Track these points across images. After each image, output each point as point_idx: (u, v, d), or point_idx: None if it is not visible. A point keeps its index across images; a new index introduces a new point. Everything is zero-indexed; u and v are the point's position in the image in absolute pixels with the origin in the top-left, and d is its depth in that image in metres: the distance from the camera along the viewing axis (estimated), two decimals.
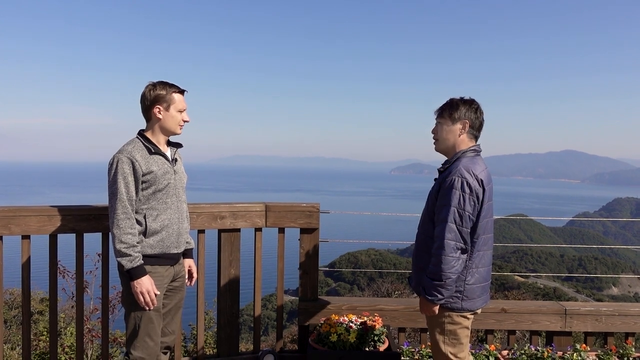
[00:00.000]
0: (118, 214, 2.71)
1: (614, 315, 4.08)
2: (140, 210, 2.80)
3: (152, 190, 2.81)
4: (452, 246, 2.58)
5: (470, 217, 2.61)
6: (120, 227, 2.70)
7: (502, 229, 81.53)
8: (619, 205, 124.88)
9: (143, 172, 2.76)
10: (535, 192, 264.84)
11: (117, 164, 2.73)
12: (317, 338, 3.48)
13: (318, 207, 3.92)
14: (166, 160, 2.90)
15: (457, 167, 2.65)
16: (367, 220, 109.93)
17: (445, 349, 2.77)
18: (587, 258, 62.11)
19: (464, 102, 2.78)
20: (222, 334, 3.86)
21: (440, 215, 2.64)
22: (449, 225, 2.58)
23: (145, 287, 2.74)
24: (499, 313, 4.04)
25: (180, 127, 2.93)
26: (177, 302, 3.09)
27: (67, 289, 5.46)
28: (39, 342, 5.49)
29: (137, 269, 2.73)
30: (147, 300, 2.75)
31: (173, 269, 2.98)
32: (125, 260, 2.71)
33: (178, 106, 2.88)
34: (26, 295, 3.31)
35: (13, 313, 8.26)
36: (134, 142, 2.85)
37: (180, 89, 2.92)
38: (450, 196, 2.60)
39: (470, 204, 2.60)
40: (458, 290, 2.69)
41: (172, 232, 2.90)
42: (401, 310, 4.04)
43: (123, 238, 2.70)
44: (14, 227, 3.22)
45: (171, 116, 2.87)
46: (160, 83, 2.87)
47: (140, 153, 2.80)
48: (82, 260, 3.44)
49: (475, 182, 2.62)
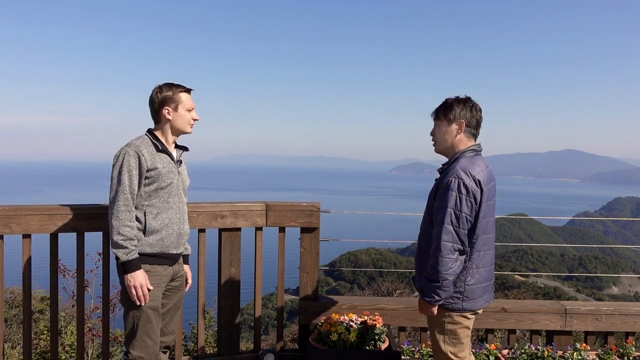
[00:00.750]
0: (119, 205, 2.71)
1: (614, 314, 4.09)
2: (140, 206, 2.80)
3: (155, 187, 2.81)
4: (448, 248, 2.58)
5: (468, 218, 2.61)
6: (120, 218, 2.70)
7: (503, 228, 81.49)
8: (620, 205, 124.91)
9: (148, 167, 2.77)
10: (536, 192, 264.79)
11: (124, 156, 2.74)
12: (317, 337, 3.48)
13: (318, 206, 3.92)
14: (171, 160, 2.91)
15: (454, 168, 2.65)
16: (368, 220, 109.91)
17: (445, 348, 2.77)
18: (588, 257, 62.10)
19: (458, 101, 2.77)
20: (222, 333, 3.86)
21: (437, 217, 2.64)
22: (445, 227, 2.58)
23: (139, 281, 2.73)
24: (499, 312, 4.04)
25: (190, 126, 2.96)
26: (176, 301, 3.09)
27: (67, 288, 5.47)
28: (40, 341, 5.50)
29: (132, 262, 2.72)
30: (140, 294, 2.74)
31: (172, 268, 2.97)
32: (121, 252, 2.70)
33: (186, 105, 2.90)
34: (27, 294, 3.31)
35: (13, 312, 8.26)
36: (142, 138, 2.86)
37: (187, 88, 2.93)
38: (446, 197, 2.60)
39: (467, 205, 2.59)
40: (458, 291, 2.69)
41: (173, 232, 2.89)
42: (401, 310, 4.04)
43: (121, 230, 2.69)
44: (14, 226, 3.22)
45: (180, 116, 2.89)
46: (166, 85, 2.89)
47: (147, 149, 2.81)
48: (82, 259, 3.45)
49: (472, 183, 2.61)
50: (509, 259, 56.56)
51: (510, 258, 58.17)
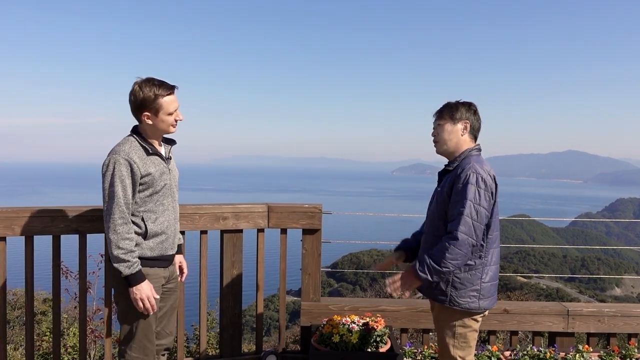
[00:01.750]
0: (115, 218, 2.61)
1: (617, 316, 4.08)
2: (137, 213, 2.72)
3: (150, 192, 2.73)
4: (463, 239, 2.55)
5: (486, 213, 2.60)
6: (118, 232, 2.61)
7: (505, 229, 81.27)
8: (622, 206, 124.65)
9: (141, 174, 2.66)
10: (538, 193, 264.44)
11: (114, 165, 2.61)
12: (319, 339, 3.48)
13: (320, 208, 3.92)
14: (162, 160, 2.80)
15: (470, 164, 2.64)
16: (369, 221, 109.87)
17: (454, 352, 2.75)
18: (590, 259, 61.95)
19: (462, 104, 2.80)
20: (224, 335, 3.86)
21: (454, 210, 2.60)
22: (464, 218, 2.55)
23: (145, 294, 2.68)
24: (502, 314, 4.04)
25: (173, 127, 2.78)
26: (172, 303, 3.05)
27: (69, 290, 5.47)
28: (42, 342, 5.50)
29: (136, 274, 2.66)
30: (147, 306, 2.70)
31: (168, 270, 2.94)
32: (124, 266, 2.63)
33: (167, 110, 2.70)
34: (29, 296, 3.31)
35: (16, 313, 8.27)
36: (129, 142, 2.71)
37: (169, 88, 2.72)
38: (465, 191, 2.58)
39: (486, 199, 2.60)
40: (475, 289, 2.67)
41: (170, 234, 2.87)
42: (403, 311, 4.04)
43: (121, 244, 2.61)
44: (17, 228, 3.23)
45: (161, 121, 2.72)
46: (147, 84, 2.67)
47: (137, 154, 2.68)
48: (85, 261, 3.45)
49: (489, 178, 2.63)
50: (511, 260, 56.44)
51: (513, 259, 58.05)
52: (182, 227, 3.64)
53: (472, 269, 2.67)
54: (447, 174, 2.79)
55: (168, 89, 2.71)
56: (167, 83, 2.72)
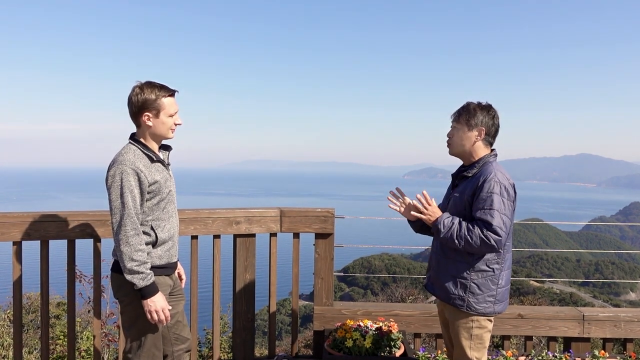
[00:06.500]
0: (127, 230, 2.55)
1: (633, 321, 4.03)
2: (145, 222, 2.68)
3: (157, 200, 2.70)
4: (494, 245, 2.55)
5: (510, 222, 2.63)
6: (131, 244, 2.56)
7: (517, 233, 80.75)
8: (636, 209, 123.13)
9: (149, 182, 2.63)
10: (550, 196, 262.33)
11: (122, 176, 2.56)
12: (332, 343, 3.47)
13: (333, 212, 3.92)
14: (164, 167, 2.78)
15: (492, 173, 2.64)
16: (381, 225, 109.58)
17: (471, 354, 2.76)
18: (604, 263, 61.30)
19: (481, 108, 2.76)
20: (237, 339, 3.86)
21: (485, 217, 2.58)
22: (495, 227, 2.55)
23: (160, 305, 2.63)
24: (516, 319, 4.00)
25: (172, 131, 2.74)
26: (181, 309, 3.01)
27: (83, 294, 5.51)
28: (56, 346, 5.54)
29: (150, 286, 2.61)
30: (162, 318, 2.65)
31: (172, 277, 2.90)
32: (138, 278, 2.58)
33: (169, 111, 2.68)
34: (45, 300, 3.34)
35: (30, 317, 8.34)
36: (132, 151, 2.65)
37: (170, 90, 2.70)
38: (492, 200, 2.58)
39: (509, 208, 2.62)
40: (492, 295, 2.69)
41: (175, 241, 2.86)
42: (417, 316, 4.02)
43: (134, 256, 2.56)
44: (32, 233, 3.27)
45: (162, 122, 2.68)
46: (148, 86, 2.65)
47: (142, 162, 2.63)
48: (99, 265, 3.48)
49: (511, 187, 2.66)
50: (524, 265, 55.99)
51: (526, 263, 57.60)
52: (195, 231, 3.66)
53: (490, 275, 2.68)
54: (464, 179, 2.78)
55: (169, 91, 2.70)
56: (167, 86, 2.72)
